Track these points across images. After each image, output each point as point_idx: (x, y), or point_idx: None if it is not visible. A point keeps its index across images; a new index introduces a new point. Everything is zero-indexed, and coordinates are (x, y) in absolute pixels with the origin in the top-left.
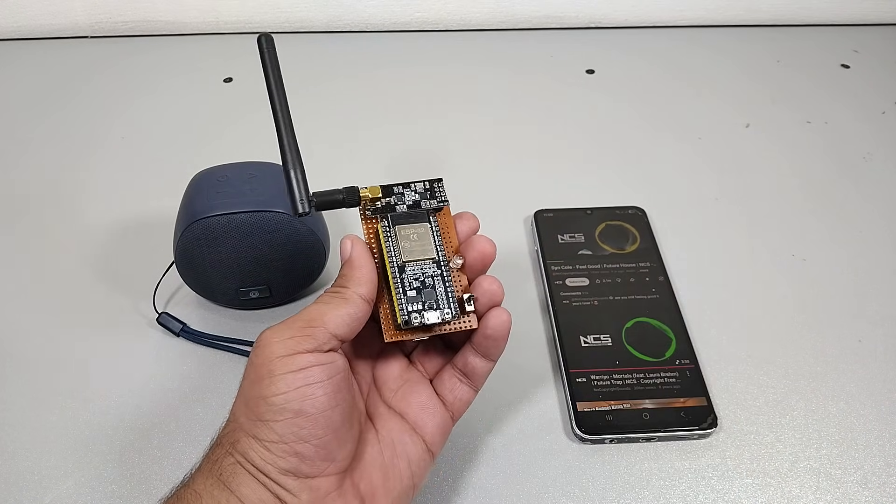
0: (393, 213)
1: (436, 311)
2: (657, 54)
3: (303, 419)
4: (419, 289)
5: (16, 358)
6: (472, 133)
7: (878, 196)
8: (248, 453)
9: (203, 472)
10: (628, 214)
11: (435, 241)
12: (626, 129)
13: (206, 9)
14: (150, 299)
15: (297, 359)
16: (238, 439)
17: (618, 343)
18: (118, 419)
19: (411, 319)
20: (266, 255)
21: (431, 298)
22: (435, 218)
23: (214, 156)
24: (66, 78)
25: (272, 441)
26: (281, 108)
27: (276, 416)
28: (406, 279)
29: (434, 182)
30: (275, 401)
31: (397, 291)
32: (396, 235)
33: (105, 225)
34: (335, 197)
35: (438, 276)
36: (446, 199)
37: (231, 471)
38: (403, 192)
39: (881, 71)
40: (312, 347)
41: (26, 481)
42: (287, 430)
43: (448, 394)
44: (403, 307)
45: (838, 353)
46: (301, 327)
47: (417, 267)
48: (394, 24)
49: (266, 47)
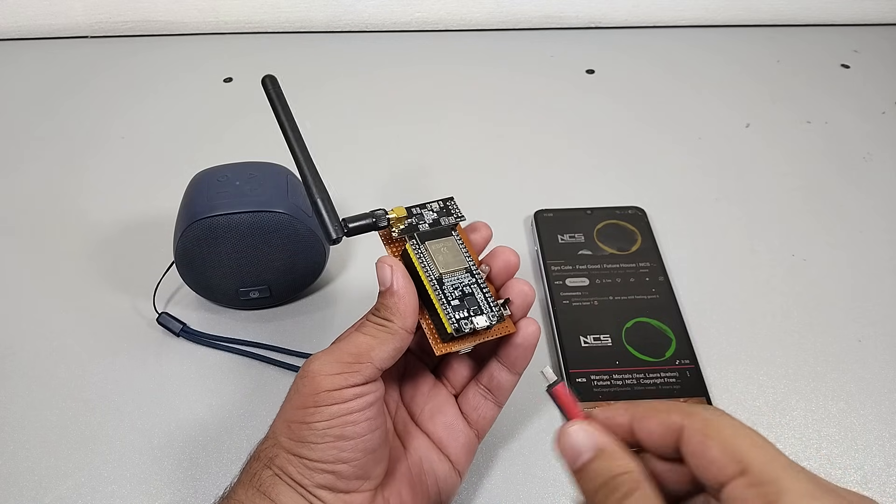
0: (418, 231)
1: (482, 316)
2: (657, 54)
3: (343, 442)
4: (461, 297)
5: (16, 358)
6: (472, 133)
7: (878, 196)
8: (287, 468)
9: (243, 484)
10: (628, 214)
11: (464, 253)
12: (626, 129)
13: (206, 9)
14: (150, 299)
15: (343, 393)
16: (277, 455)
17: (618, 343)
18: (118, 419)
19: (462, 326)
20: (266, 255)
21: (474, 305)
22: (457, 232)
23: (214, 156)
24: (66, 78)
25: (312, 460)
26: (296, 140)
27: (318, 439)
28: (447, 290)
29: (447, 200)
30: (318, 426)
31: (441, 303)
32: (428, 250)
33: (105, 225)
34: (366, 221)
35: (474, 283)
36: (462, 216)
37: (270, 482)
38: (422, 211)
39: (881, 71)
40: (359, 382)
41: (26, 481)
42: (327, 452)
43: (472, 412)
44: (451, 316)
45: (838, 353)
46: (349, 363)
47: (454, 277)
48: (394, 24)
49: (271, 87)
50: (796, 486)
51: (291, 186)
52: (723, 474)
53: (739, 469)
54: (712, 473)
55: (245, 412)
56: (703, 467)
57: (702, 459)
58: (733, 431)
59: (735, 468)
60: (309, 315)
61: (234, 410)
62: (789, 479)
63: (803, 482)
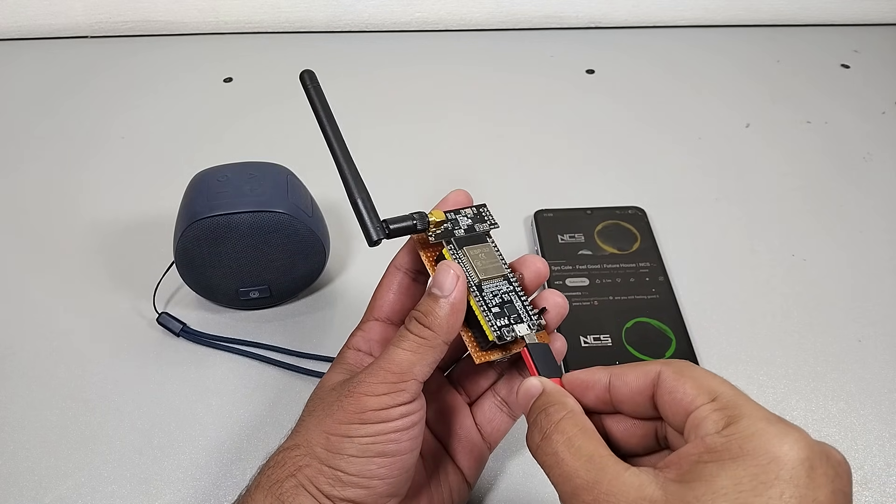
0: (454, 236)
1: (524, 324)
2: (657, 54)
3: (383, 459)
4: (500, 304)
5: (16, 358)
6: (471, 133)
7: (878, 196)
8: (318, 478)
9: (262, 489)
10: (628, 214)
11: (500, 259)
12: (626, 129)
13: (206, 9)
14: (150, 299)
15: (390, 412)
16: (308, 464)
17: (618, 343)
18: (118, 419)
19: (504, 334)
20: (266, 255)
21: (514, 313)
22: (491, 238)
23: (214, 156)
24: (66, 78)
25: (348, 473)
26: (335, 138)
27: (359, 453)
28: (486, 297)
29: (480, 207)
30: (360, 440)
31: (483, 310)
32: (467, 256)
33: (105, 225)
34: (409, 223)
35: (512, 291)
36: (496, 223)
37: (293, 492)
38: (457, 217)
39: (881, 71)
40: (405, 401)
41: (26, 481)
42: (365, 466)
43: (487, 424)
44: (493, 323)
45: (838, 353)
46: (394, 382)
47: (493, 284)
48: (394, 24)
49: (310, 83)
50: (756, 412)
51: (291, 186)
52: (693, 404)
53: (710, 398)
54: (684, 405)
55: (245, 412)
56: (676, 402)
57: (675, 394)
58: (706, 373)
59: (706, 398)
60: (309, 315)
61: (234, 410)
62: (751, 406)
63: (763, 411)
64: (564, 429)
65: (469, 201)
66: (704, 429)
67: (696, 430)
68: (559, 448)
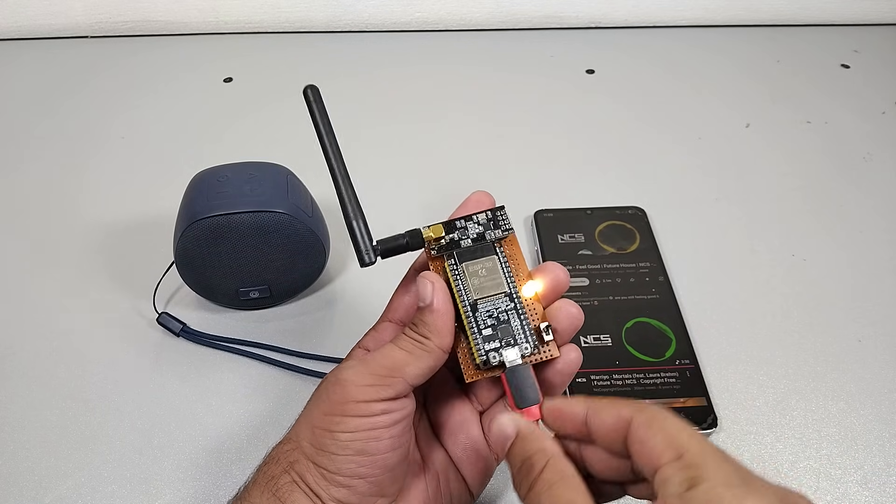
0: (458, 249)
1: (514, 348)
2: (657, 54)
3: (363, 458)
4: (494, 325)
5: (16, 358)
6: (471, 133)
7: (878, 196)
8: (306, 476)
9: (259, 486)
10: (628, 214)
11: (504, 274)
12: (626, 129)
13: (206, 9)
14: (150, 299)
15: (372, 406)
16: (298, 460)
17: (618, 343)
18: (118, 419)
19: (490, 359)
20: (266, 255)
21: (508, 334)
22: (501, 247)
23: (214, 156)
24: (66, 78)
25: (330, 471)
26: (335, 157)
27: (339, 450)
28: (479, 317)
29: (497, 210)
30: (341, 437)
31: (472, 331)
32: (465, 272)
33: (105, 225)
34: (399, 243)
35: (512, 309)
36: (511, 227)
37: (288, 489)
38: (466, 225)
39: (881, 71)
40: (389, 396)
41: (26, 481)
42: (346, 465)
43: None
44: (480, 347)
45: (838, 353)
46: (382, 376)
47: (490, 303)
48: (394, 24)
49: (313, 99)
50: (718, 474)
51: (291, 186)
52: (660, 460)
53: (676, 455)
54: (652, 460)
55: (245, 412)
56: (645, 454)
57: (645, 446)
58: (675, 425)
59: (672, 454)
60: (309, 315)
61: (234, 410)
62: (714, 467)
63: (726, 471)
64: (546, 478)
65: (491, 203)
66: (668, 489)
67: (662, 488)
68: (543, 500)
